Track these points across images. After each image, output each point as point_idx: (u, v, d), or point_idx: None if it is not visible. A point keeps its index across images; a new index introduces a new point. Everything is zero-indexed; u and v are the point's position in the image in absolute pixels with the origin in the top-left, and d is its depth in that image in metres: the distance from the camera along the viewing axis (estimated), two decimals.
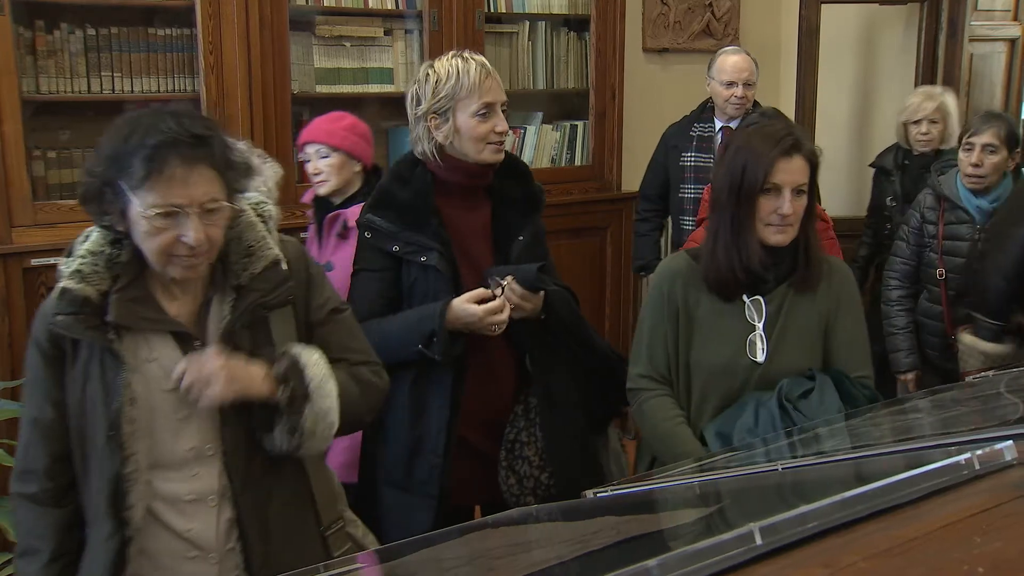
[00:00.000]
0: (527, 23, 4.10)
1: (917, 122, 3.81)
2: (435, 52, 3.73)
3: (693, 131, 3.81)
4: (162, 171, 1.50)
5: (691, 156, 3.77)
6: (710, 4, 4.86)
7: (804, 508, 0.94)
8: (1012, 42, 5.32)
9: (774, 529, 0.92)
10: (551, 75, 4.18)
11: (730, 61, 3.73)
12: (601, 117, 4.20)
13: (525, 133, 4.11)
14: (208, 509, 1.65)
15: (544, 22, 4.14)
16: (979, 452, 1.16)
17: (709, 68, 3.83)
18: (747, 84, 3.71)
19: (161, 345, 1.63)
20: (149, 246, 1.56)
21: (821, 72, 4.80)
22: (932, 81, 5.00)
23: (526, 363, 2.28)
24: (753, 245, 2.05)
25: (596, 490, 1.67)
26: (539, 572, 1.02)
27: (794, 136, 2.07)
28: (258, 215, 1.72)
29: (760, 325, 2.09)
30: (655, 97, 4.62)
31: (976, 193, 3.24)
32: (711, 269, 2.11)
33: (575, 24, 4.22)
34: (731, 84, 3.69)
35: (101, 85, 3.19)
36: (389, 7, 3.74)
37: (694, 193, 3.71)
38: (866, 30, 5.13)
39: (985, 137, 3.19)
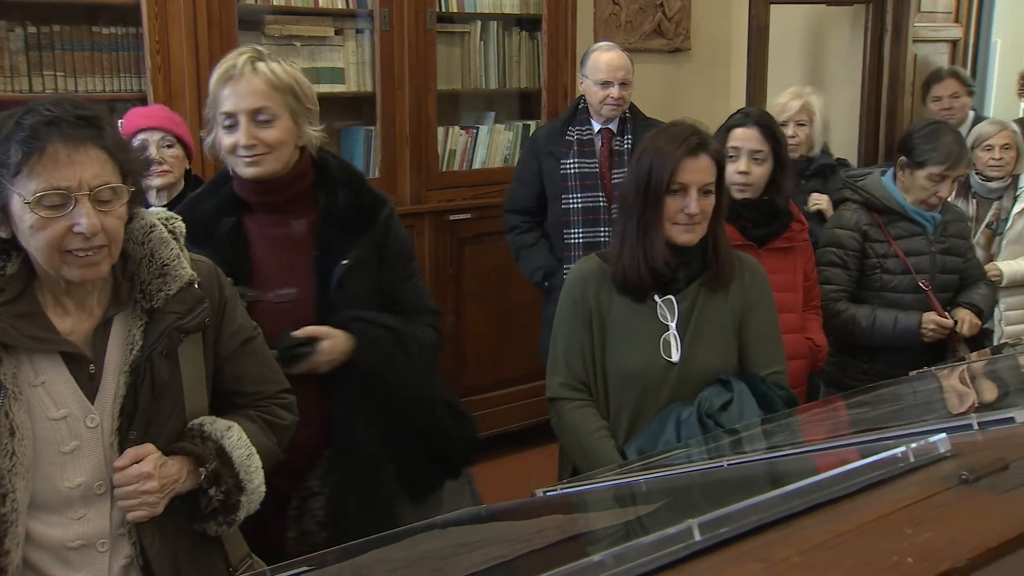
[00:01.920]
0: (479, 23, 4.10)
1: (784, 123, 3.39)
2: (386, 52, 3.74)
3: (570, 135, 3.47)
4: (43, 151, 1.36)
5: (573, 163, 3.42)
6: (661, 4, 4.90)
7: (742, 504, 0.96)
8: (954, 43, 5.44)
9: (713, 525, 0.93)
10: (503, 75, 4.18)
11: (604, 59, 3.45)
12: (553, 116, 4.19)
13: (478, 133, 4.11)
14: (98, 555, 1.49)
15: (496, 22, 4.14)
16: (914, 446, 1.19)
17: (582, 65, 3.54)
18: (623, 84, 3.43)
19: (49, 367, 1.46)
20: (37, 243, 1.40)
21: (771, 72, 4.86)
22: (879, 81, 5.10)
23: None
24: (659, 245, 2.05)
25: (544, 489, 1.68)
26: (483, 571, 1.03)
27: (700, 136, 2.07)
28: (169, 231, 1.58)
29: (673, 325, 2.08)
30: None
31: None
32: (619, 271, 2.10)
33: (527, 24, 4.23)
34: (606, 84, 3.41)
35: (44, 85, 3.13)
36: (339, 7, 3.72)
37: (582, 202, 3.39)
38: (814, 30, 5.21)
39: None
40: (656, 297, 2.10)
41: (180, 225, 1.63)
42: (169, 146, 2.65)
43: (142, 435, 1.50)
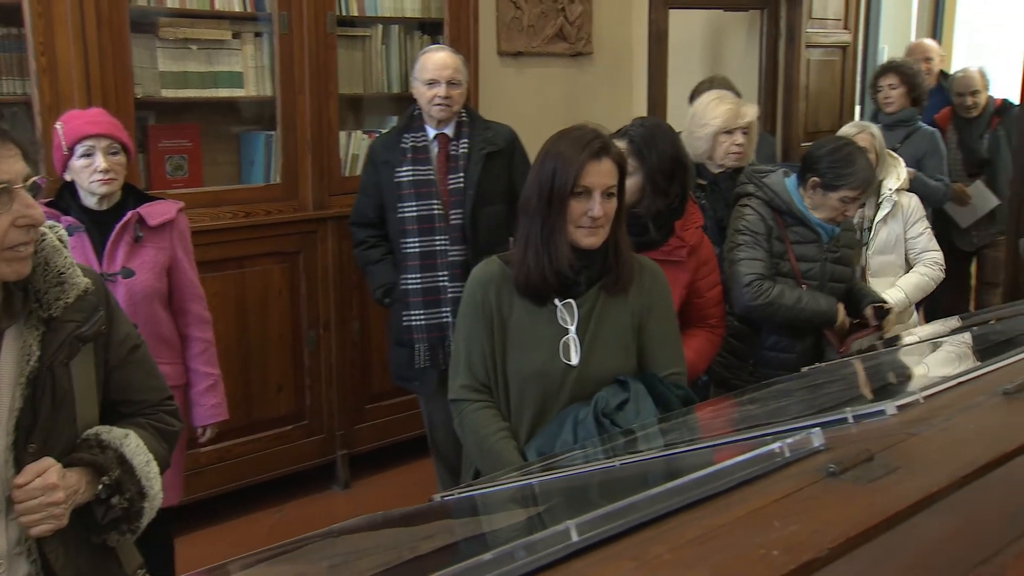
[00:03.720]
0: (380, 26, 4.07)
1: (731, 131, 3.22)
2: (286, 56, 3.69)
3: (404, 142, 3.33)
4: None
5: (408, 171, 3.29)
6: (563, 9, 4.95)
7: (618, 504, 0.98)
8: (844, 48, 5.65)
9: (589, 525, 0.95)
10: (405, 78, 4.17)
11: (433, 59, 3.32)
12: None
13: None
14: None
15: (397, 25, 4.12)
16: (789, 441, 1.23)
17: (413, 68, 3.41)
18: (452, 83, 3.28)
19: None
20: None
21: (671, 76, 4.96)
22: (775, 85, 5.27)
23: None
24: (564, 248, 2.06)
25: (442, 493, 1.69)
26: None
27: (602, 139, 2.09)
28: (58, 239, 1.57)
29: (572, 328, 2.10)
30: (511, 100, 4.67)
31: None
32: (522, 274, 2.11)
33: (429, 27, 4.22)
34: (433, 83, 3.27)
35: None
36: (237, 10, 3.65)
37: (417, 211, 3.26)
38: (713, 35, 5.34)
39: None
40: (556, 301, 2.11)
41: (63, 233, 1.61)
42: (114, 153, 2.58)
43: (41, 448, 1.48)
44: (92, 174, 2.54)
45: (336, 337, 3.90)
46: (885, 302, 3.01)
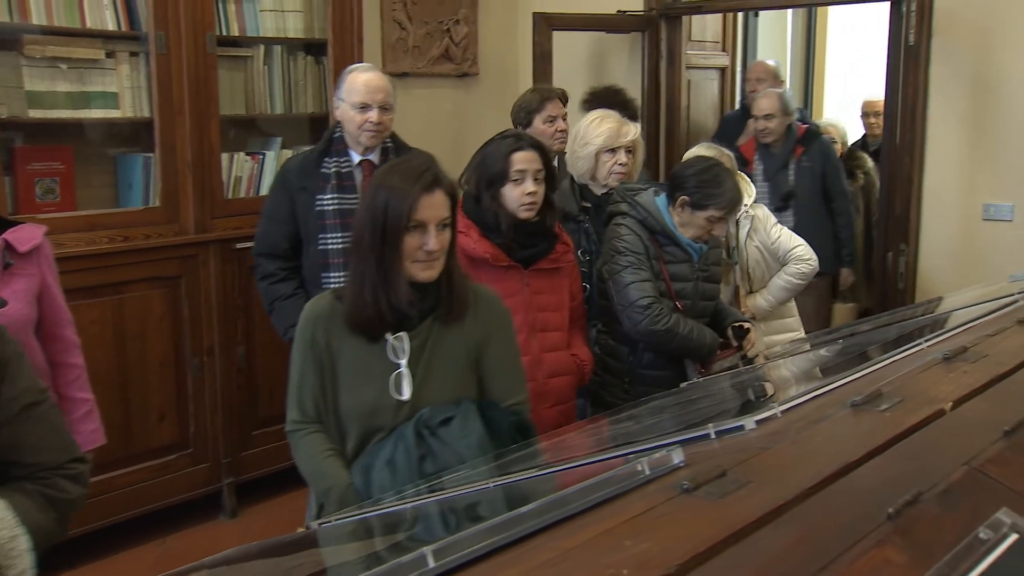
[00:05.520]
0: (262, 47, 4.02)
1: (614, 150, 3.23)
2: (163, 76, 3.61)
3: (326, 168, 3.15)
4: None
5: (332, 199, 3.11)
6: (448, 29, 4.99)
7: (476, 528, 1.00)
8: (722, 70, 5.84)
9: (446, 551, 0.96)
10: (289, 100, 4.13)
11: (362, 80, 3.14)
12: None
13: (264, 159, 4.03)
14: None
15: (280, 46, 4.08)
16: (650, 459, 1.27)
17: (337, 89, 3.23)
18: (384, 108, 3.15)
19: None
20: None
21: None
22: (657, 105, 5.39)
23: None
24: (401, 284, 2.03)
25: (319, 520, 1.68)
26: None
27: (434, 171, 2.08)
28: None
29: (403, 362, 2.06)
30: (397, 121, 4.62)
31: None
32: (357, 311, 2.06)
33: (313, 48, 4.19)
34: (365, 107, 3.11)
35: None
36: (111, 28, 3.56)
37: (343, 242, 3.05)
38: (596, 56, 5.45)
39: None
40: (388, 335, 2.07)
41: None
42: None
43: None
44: None
45: (221, 363, 3.81)
46: (745, 322, 3.09)
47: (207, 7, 3.68)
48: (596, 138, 3.23)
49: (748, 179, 3.65)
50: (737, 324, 3.05)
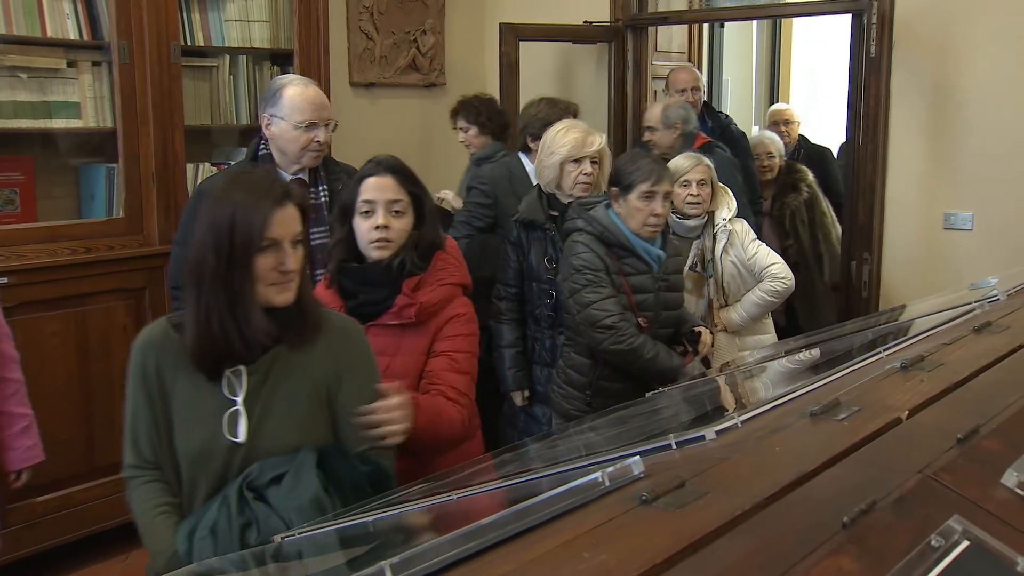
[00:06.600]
0: (227, 57, 4.01)
1: (579, 160, 3.21)
2: (127, 86, 3.58)
3: None
4: None
5: None
6: (415, 40, 4.99)
7: (433, 542, 1.00)
8: None
9: (403, 565, 0.96)
10: (255, 110, 4.11)
11: (307, 97, 2.88)
12: None
13: None
14: None
15: (245, 56, 4.06)
16: (610, 470, 1.27)
17: (269, 104, 2.92)
18: (328, 125, 2.93)
19: None
20: None
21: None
22: (624, 115, 5.42)
23: None
24: (255, 312, 1.79)
25: (283, 535, 1.66)
26: None
27: (283, 183, 1.89)
28: None
29: (239, 399, 1.82)
30: (364, 131, 4.67)
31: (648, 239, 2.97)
32: (202, 346, 1.80)
33: (279, 58, 4.18)
34: (312, 126, 2.86)
35: None
36: (72, 37, 3.52)
37: None
38: (563, 67, 5.47)
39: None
40: (225, 370, 1.83)
41: None
42: None
43: None
44: None
45: None
46: (696, 327, 3.09)
47: (171, 17, 3.66)
48: (561, 148, 3.22)
49: (731, 193, 3.67)
50: (690, 330, 3.05)
